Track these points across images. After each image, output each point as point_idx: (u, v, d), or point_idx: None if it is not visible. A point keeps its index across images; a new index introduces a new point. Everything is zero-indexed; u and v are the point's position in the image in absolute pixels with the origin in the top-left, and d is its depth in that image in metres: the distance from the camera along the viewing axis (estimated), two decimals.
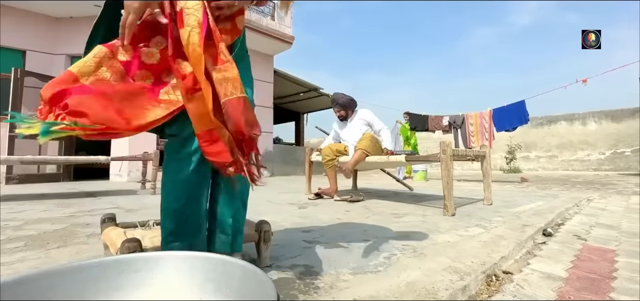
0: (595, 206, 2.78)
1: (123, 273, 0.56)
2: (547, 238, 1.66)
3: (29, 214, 2.22)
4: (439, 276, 1.01)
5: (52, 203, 2.82)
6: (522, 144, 10.88)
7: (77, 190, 4.11)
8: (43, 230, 1.72)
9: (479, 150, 2.68)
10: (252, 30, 7.00)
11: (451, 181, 2.17)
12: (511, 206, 2.57)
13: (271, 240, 1.12)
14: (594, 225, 1.98)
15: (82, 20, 6.13)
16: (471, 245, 1.39)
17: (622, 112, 10.10)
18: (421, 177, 6.51)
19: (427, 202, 2.89)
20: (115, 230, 1.02)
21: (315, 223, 1.87)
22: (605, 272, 1.16)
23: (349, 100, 3.32)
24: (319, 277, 1.00)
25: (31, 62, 5.83)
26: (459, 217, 2.08)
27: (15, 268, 1.11)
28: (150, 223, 1.18)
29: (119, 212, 2.33)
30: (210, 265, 0.58)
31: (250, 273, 0.53)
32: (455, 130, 6.66)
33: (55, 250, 1.33)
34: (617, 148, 9.96)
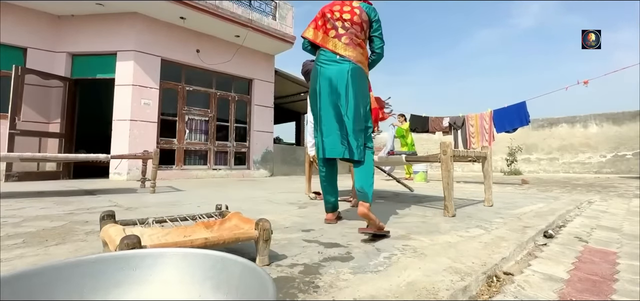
0: (597, 208, 2.77)
1: (122, 269, 0.55)
2: (548, 240, 1.66)
3: (28, 211, 2.21)
4: (439, 277, 1.00)
5: (51, 200, 2.81)
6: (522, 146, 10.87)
7: (76, 188, 4.10)
8: (42, 227, 1.71)
9: (480, 151, 2.67)
10: (253, 29, 7.00)
11: (452, 182, 2.17)
12: (512, 208, 2.56)
13: (271, 238, 1.11)
14: (595, 228, 1.97)
15: (84, 19, 6.13)
16: (472, 246, 1.38)
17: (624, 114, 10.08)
18: (421, 178, 6.50)
19: (428, 202, 2.88)
20: (114, 227, 1.02)
21: (314, 223, 1.86)
22: (607, 274, 1.16)
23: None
24: (319, 276, 1.00)
25: (32, 59, 5.82)
26: (460, 218, 2.07)
27: (13, 264, 1.11)
28: (150, 221, 1.18)
29: (118, 210, 2.32)
30: (209, 262, 0.57)
31: (250, 271, 0.52)
32: (455, 131, 6.66)
33: (53, 247, 1.33)
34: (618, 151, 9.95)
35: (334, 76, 1.76)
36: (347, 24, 1.81)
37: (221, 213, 1.40)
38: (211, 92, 7.26)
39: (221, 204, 1.46)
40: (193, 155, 7.05)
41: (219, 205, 1.45)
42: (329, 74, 1.77)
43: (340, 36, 1.80)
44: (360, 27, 1.82)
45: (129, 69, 6.02)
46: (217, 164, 7.33)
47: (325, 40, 1.83)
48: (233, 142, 7.61)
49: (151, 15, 6.25)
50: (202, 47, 6.98)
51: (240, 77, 7.78)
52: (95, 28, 6.12)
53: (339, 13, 1.83)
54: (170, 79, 6.66)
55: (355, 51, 1.78)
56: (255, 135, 7.93)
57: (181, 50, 6.71)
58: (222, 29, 6.89)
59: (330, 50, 1.80)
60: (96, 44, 6.14)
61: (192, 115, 6.93)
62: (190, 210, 2.32)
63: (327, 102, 1.77)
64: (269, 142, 8.26)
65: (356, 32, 1.80)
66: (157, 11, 6.13)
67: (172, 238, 0.95)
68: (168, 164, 6.52)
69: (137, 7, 5.96)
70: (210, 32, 7.05)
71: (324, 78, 1.78)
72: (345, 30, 1.80)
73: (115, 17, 6.09)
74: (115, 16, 6.08)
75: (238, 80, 7.79)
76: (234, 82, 7.72)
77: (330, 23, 1.83)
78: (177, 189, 4.16)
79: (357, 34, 1.80)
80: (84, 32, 6.15)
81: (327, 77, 1.77)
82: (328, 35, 1.83)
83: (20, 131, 5.31)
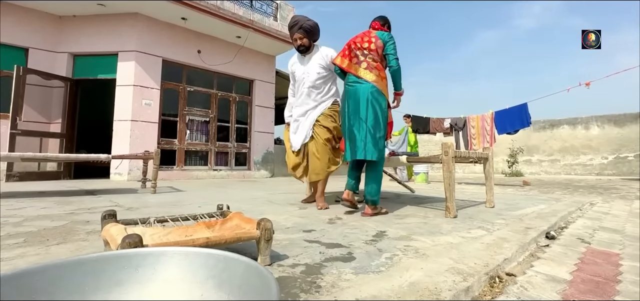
0: (599, 210, 2.76)
1: (123, 268, 0.55)
2: (551, 241, 1.65)
3: (28, 211, 2.21)
4: (441, 277, 1.00)
5: (52, 200, 2.81)
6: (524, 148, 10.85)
7: (77, 188, 4.11)
8: (43, 226, 1.71)
9: (482, 153, 2.66)
10: (254, 30, 7.01)
11: (453, 183, 2.16)
12: (513, 209, 2.56)
13: (272, 238, 1.11)
14: (597, 229, 1.96)
15: (86, 19, 6.15)
16: (474, 247, 1.37)
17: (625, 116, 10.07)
18: (422, 179, 6.49)
19: (429, 203, 2.87)
20: (116, 226, 1.02)
21: (316, 224, 1.86)
22: (610, 275, 1.15)
23: (314, 25, 2.57)
24: (321, 276, 0.99)
25: (34, 59, 5.84)
26: (461, 219, 2.07)
27: (14, 263, 1.10)
28: (151, 221, 1.18)
29: (119, 210, 2.32)
30: (211, 261, 0.57)
31: (253, 270, 0.52)
32: (456, 132, 6.65)
33: (54, 247, 1.32)
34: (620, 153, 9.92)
35: (356, 94, 2.21)
36: (366, 52, 2.26)
37: (222, 213, 1.40)
38: (212, 93, 7.26)
39: (222, 204, 1.46)
40: (194, 156, 7.05)
41: (221, 205, 1.44)
42: (353, 92, 2.23)
43: (360, 62, 2.26)
44: (376, 52, 2.26)
45: (131, 69, 6.02)
46: (217, 165, 7.33)
47: (350, 66, 2.29)
48: (234, 143, 7.61)
49: (153, 15, 6.26)
50: (203, 48, 6.99)
51: (241, 78, 7.79)
52: (97, 28, 6.14)
53: (360, 43, 2.30)
54: (171, 80, 6.67)
55: (372, 73, 2.21)
56: (256, 136, 7.93)
57: (182, 50, 6.71)
58: (223, 29, 6.89)
59: (353, 74, 2.27)
60: (98, 44, 6.15)
61: (193, 115, 6.93)
62: (191, 210, 2.31)
63: (351, 115, 2.22)
64: (269, 142, 8.25)
65: (374, 57, 2.25)
66: (158, 12, 6.14)
67: (173, 238, 0.95)
68: (169, 164, 6.52)
69: (139, 7, 5.97)
70: (212, 33, 7.06)
71: (349, 96, 2.25)
72: (364, 57, 2.26)
73: (116, 18, 6.10)
74: (117, 16, 6.10)
75: (239, 81, 7.80)
76: (235, 83, 7.72)
77: (354, 52, 2.31)
78: (178, 189, 4.15)
79: (374, 58, 2.25)
80: (85, 33, 6.16)
81: (352, 95, 2.23)
82: (352, 62, 2.30)
83: (21, 131, 5.32)
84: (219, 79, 7.40)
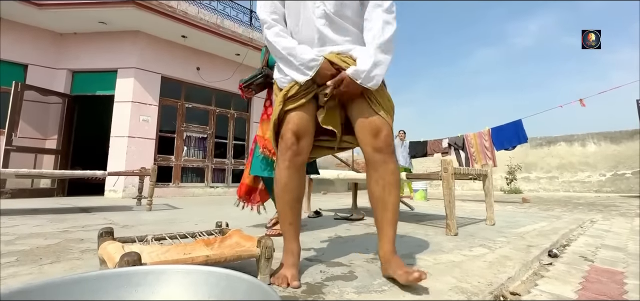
0: (600, 227, 2.75)
1: (123, 287, 0.53)
2: (553, 259, 1.63)
3: (21, 229, 2.17)
4: (446, 296, 0.97)
5: (45, 218, 2.76)
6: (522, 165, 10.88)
7: (71, 205, 4.04)
8: (36, 245, 1.67)
9: (481, 170, 2.66)
10: (253, 48, 7.09)
11: (453, 200, 2.15)
12: (514, 226, 2.54)
13: (273, 256, 1.08)
14: (599, 247, 1.95)
15: (87, 36, 6.21)
16: (476, 265, 1.35)
17: (621, 133, 10.16)
18: (421, 196, 6.46)
19: (429, 221, 2.85)
20: (113, 244, 0.99)
21: (316, 242, 1.83)
22: (616, 294, 1.13)
23: None
24: (322, 295, 0.97)
25: (32, 75, 5.85)
26: (462, 236, 2.04)
27: (6, 283, 1.07)
28: (149, 238, 1.15)
29: (115, 228, 2.27)
30: (213, 280, 0.55)
31: (256, 288, 0.50)
32: (456, 151, 6.66)
33: (48, 266, 1.29)
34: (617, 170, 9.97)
35: None
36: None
37: (221, 230, 1.37)
38: (210, 109, 7.28)
39: (221, 221, 1.44)
40: (190, 172, 7.00)
41: (219, 223, 1.42)
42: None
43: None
44: None
45: (129, 85, 6.05)
46: (214, 181, 7.27)
47: None
48: (231, 159, 7.58)
49: (153, 33, 6.33)
50: (202, 65, 7.05)
51: (239, 94, 7.82)
52: (97, 45, 6.19)
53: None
54: (170, 96, 6.69)
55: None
56: None
57: (182, 67, 6.77)
58: (223, 47, 6.98)
59: None
60: (98, 61, 6.19)
61: (190, 131, 6.93)
62: (188, 228, 2.27)
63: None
64: None
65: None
66: (159, 29, 6.22)
67: (172, 256, 0.92)
68: (165, 181, 6.46)
69: (140, 25, 6.04)
70: (211, 51, 7.14)
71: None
72: None
73: (118, 35, 6.16)
74: (118, 34, 6.16)
75: (237, 97, 7.84)
76: (233, 99, 7.76)
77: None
78: (174, 207, 4.10)
79: None
80: (85, 50, 6.21)
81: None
82: None
83: (16, 147, 5.27)
84: (218, 95, 7.44)
